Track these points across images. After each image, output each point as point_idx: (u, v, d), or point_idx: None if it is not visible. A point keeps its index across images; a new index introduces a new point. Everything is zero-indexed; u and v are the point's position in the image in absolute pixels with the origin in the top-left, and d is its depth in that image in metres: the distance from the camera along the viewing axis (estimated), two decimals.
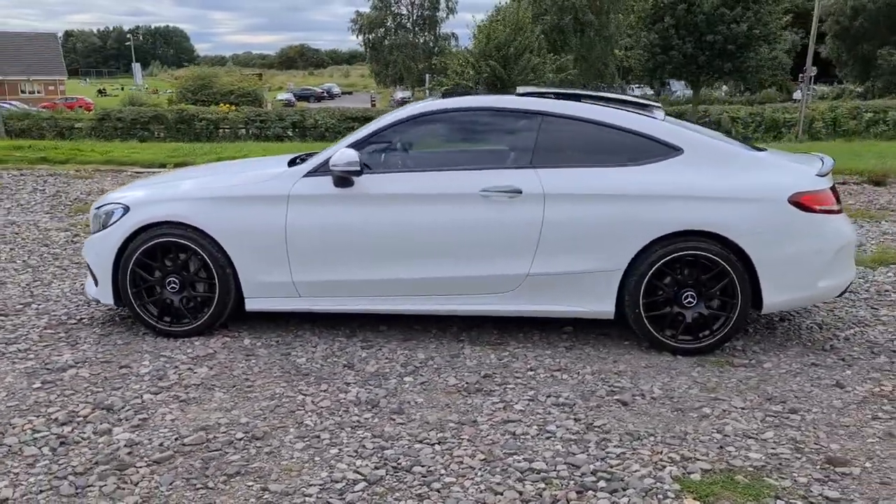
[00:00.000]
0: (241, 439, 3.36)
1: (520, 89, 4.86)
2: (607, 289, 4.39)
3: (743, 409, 3.70)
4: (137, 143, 20.97)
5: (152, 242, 4.53)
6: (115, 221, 4.61)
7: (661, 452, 3.27)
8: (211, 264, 4.51)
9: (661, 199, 4.32)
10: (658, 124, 4.52)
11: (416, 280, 4.47)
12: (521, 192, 4.36)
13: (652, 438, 3.39)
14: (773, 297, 4.36)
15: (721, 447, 3.32)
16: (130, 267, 4.55)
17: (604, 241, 4.34)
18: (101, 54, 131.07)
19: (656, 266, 4.31)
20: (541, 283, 4.42)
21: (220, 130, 27.06)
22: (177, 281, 4.57)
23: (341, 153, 4.39)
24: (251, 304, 4.60)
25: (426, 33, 52.97)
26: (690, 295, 4.36)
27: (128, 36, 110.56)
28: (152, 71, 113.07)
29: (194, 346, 4.48)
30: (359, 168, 4.38)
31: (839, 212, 4.51)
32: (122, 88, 69.02)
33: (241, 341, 4.57)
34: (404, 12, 53.20)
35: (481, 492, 2.95)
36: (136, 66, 77.50)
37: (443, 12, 53.56)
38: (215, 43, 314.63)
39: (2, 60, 59.47)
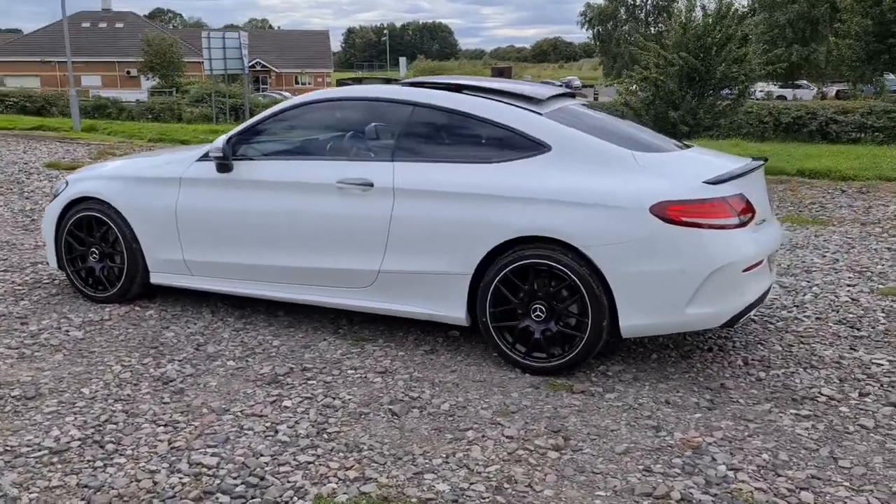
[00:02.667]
0: (15, 395, 3.68)
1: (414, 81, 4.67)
2: (457, 293, 4.10)
3: (507, 437, 3.31)
4: None
5: (79, 215, 5.03)
6: (60, 193, 5.17)
7: (351, 467, 3.05)
8: (121, 238, 4.90)
9: (510, 200, 3.94)
10: (531, 119, 4.11)
11: (281, 268, 4.50)
12: (372, 186, 4.21)
13: (360, 453, 3.17)
14: (631, 320, 3.80)
15: (416, 474, 3.02)
16: (64, 235, 5.09)
17: (452, 243, 4.06)
18: (376, 49, 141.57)
19: (503, 273, 3.95)
20: (393, 282, 4.24)
21: None
22: (97, 252, 5.04)
23: (217, 141, 4.55)
24: (154, 278, 4.93)
25: (660, 24, 50.54)
26: (540, 309, 3.93)
27: (384, 32, 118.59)
28: (417, 65, 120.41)
29: (99, 311, 4.91)
30: (221, 155, 4.50)
31: (737, 226, 3.80)
32: None
33: (143, 312, 4.92)
34: (638, 2, 51.38)
35: (128, 475, 2.98)
36: (402, 60, 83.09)
37: (681, 2, 50.49)
38: (483, 37, 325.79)
39: (281, 55, 66.97)
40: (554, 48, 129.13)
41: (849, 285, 5.58)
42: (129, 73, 62.48)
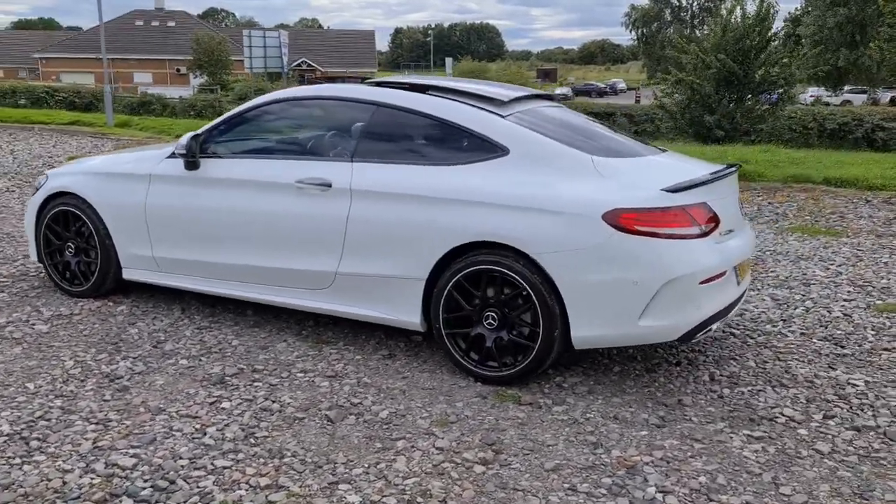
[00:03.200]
0: None
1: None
2: (413, 298, 4.00)
3: (437, 449, 3.20)
4: None
5: (56, 209, 5.06)
6: (41, 187, 5.22)
7: (266, 474, 2.98)
8: (94, 234, 4.92)
9: (464, 204, 3.83)
10: (490, 121, 4.00)
11: (243, 267, 4.46)
12: (330, 186, 4.15)
13: (281, 460, 3.10)
14: (582, 331, 3.66)
15: (331, 483, 2.93)
16: (42, 229, 5.14)
17: (407, 246, 3.97)
18: (423, 49, 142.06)
19: (456, 279, 3.84)
20: (351, 284, 4.17)
21: None
22: (73, 246, 5.07)
23: (183, 138, 4.53)
24: (126, 274, 4.94)
25: (705, 27, 49.51)
26: (492, 316, 3.82)
27: (429, 33, 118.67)
28: (459, 66, 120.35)
29: (71, 305, 4.93)
30: (184, 152, 4.48)
31: (697, 236, 3.63)
32: None
33: (114, 308, 4.94)
34: (683, 4, 50.40)
35: (41, 473, 2.96)
36: (448, 61, 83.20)
37: (728, 2, 49.38)
38: (531, 39, 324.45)
39: (327, 54, 67.60)
40: (601, 50, 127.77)
41: (845, 300, 5.33)
42: (178, 70, 63.73)
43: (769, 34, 20.41)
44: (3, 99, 29.62)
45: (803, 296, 5.43)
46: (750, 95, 19.79)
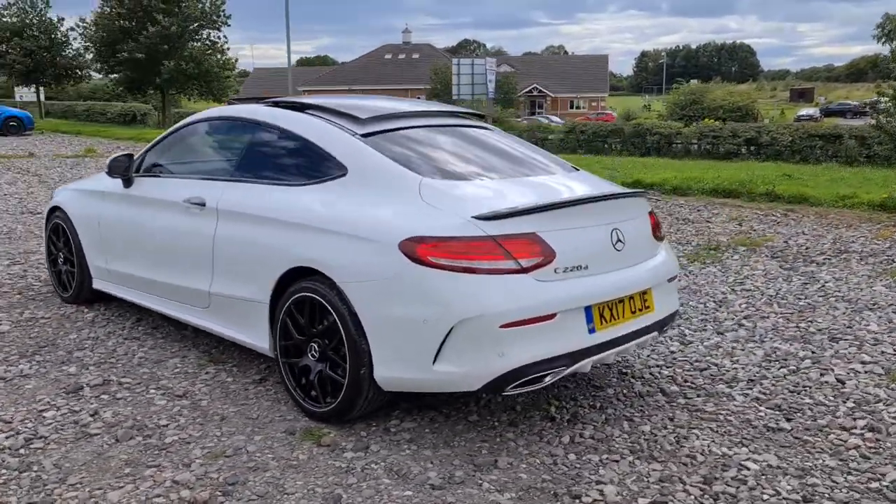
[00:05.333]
0: None
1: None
2: (262, 322, 3.85)
3: (174, 482, 3.03)
4: (584, 155, 21.66)
5: (53, 222, 5.58)
6: (51, 202, 5.79)
7: None
8: (73, 245, 5.35)
9: (293, 227, 3.62)
10: (337, 139, 3.75)
11: (155, 282, 4.58)
12: (204, 205, 4.14)
13: (24, 474, 3.12)
14: (383, 371, 3.28)
15: None
16: (45, 240, 5.69)
17: (253, 268, 3.84)
18: (670, 72, 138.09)
19: (287, 305, 3.64)
20: (223, 305, 4.11)
21: (673, 145, 26.84)
22: (62, 256, 5.55)
23: (111, 158, 4.80)
24: (95, 284, 5.29)
25: None
26: (314, 347, 3.56)
27: (663, 55, 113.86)
28: (683, 88, 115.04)
29: (45, 310, 5.37)
30: (106, 171, 4.72)
31: (511, 271, 3.11)
32: (647, 107, 71.73)
33: (79, 313, 5.31)
34: None
35: None
36: (692, 83, 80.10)
37: None
38: (797, 56, 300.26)
39: (558, 80, 67.96)
40: (873, 66, 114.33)
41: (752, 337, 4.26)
42: (418, 98, 67.77)
43: None
44: None
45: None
46: None
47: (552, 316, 3.16)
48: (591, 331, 3.31)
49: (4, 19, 38.17)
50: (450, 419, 3.61)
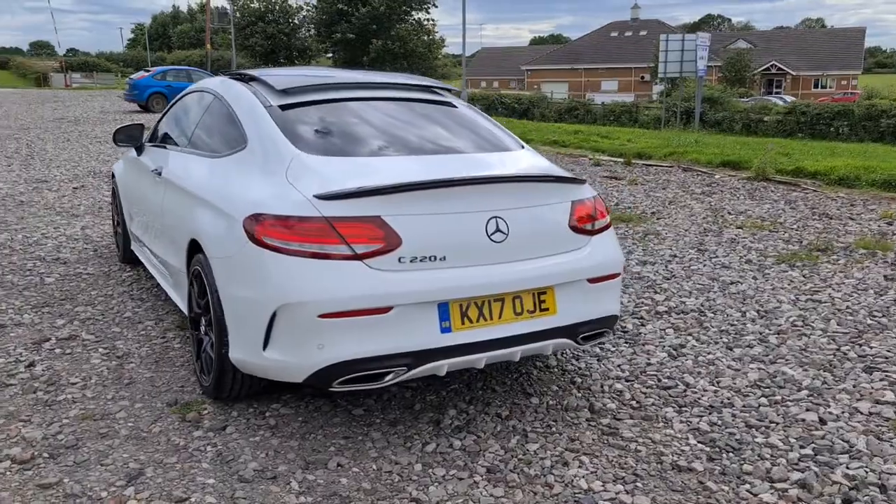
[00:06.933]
0: None
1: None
2: (183, 288, 3.87)
3: None
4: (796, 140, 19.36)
5: (112, 187, 6.05)
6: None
7: None
8: (119, 209, 5.76)
9: (193, 199, 3.61)
10: (251, 110, 3.63)
11: (145, 246, 4.79)
12: (160, 174, 4.24)
13: None
14: (234, 351, 3.15)
15: None
16: (113, 205, 6.19)
17: (174, 237, 3.91)
18: None
19: (189, 277, 3.62)
20: (169, 271, 4.21)
21: None
22: (117, 220, 5.98)
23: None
24: (132, 245, 5.65)
25: None
26: (204, 322, 3.51)
27: None
28: None
29: (97, 266, 5.84)
30: (113, 139, 4.98)
31: (344, 257, 2.84)
32: None
33: (120, 272, 5.70)
34: None
35: None
36: None
37: None
38: None
39: (802, 56, 61.94)
40: None
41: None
42: (642, 78, 65.16)
43: None
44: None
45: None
46: None
47: (387, 309, 2.83)
48: (446, 330, 2.93)
49: (253, 4, 42.02)
50: (333, 410, 3.40)
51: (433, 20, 41.84)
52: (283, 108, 3.59)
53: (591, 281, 3.28)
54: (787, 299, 4.98)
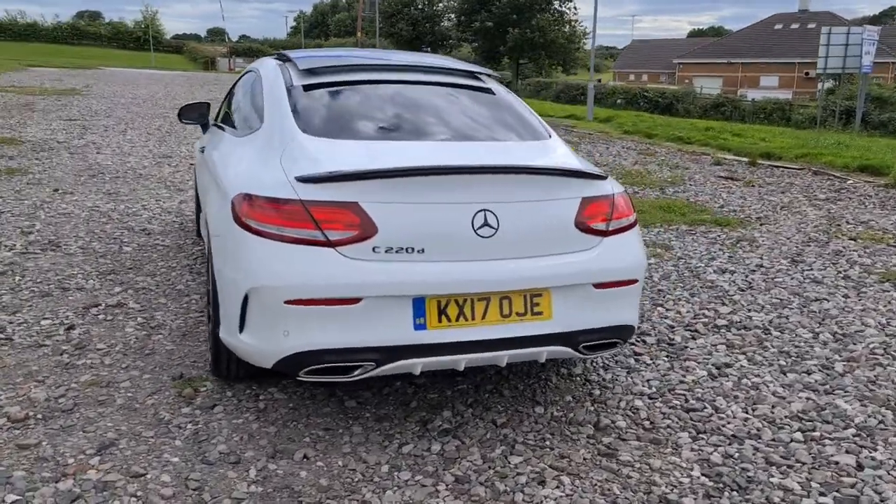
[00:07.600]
0: None
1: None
2: None
3: None
4: None
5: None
6: None
7: None
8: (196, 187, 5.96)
9: (214, 176, 3.63)
10: (273, 90, 3.60)
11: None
12: (203, 152, 4.30)
13: None
14: (221, 330, 3.12)
15: None
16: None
17: (204, 214, 3.92)
18: None
19: (208, 254, 3.66)
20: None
21: None
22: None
23: None
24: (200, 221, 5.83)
25: None
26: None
27: None
28: None
29: (175, 238, 6.07)
30: (178, 117, 5.10)
31: (317, 243, 2.74)
32: None
33: (193, 246, 5.90)
34: None
35: None
36: None
37: None
38: None
39: None
40: None
41: None
42: (806, 74, 60.84)
43: None
44: (605, 99, 33.27)
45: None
46: None
47: (356, 300, 2.70)
48: (420, 327, 2.76)
49: None
50: (327, 400, 3.32)
51: (576, 9, 40.90)
52: (307, 88, 3.53)
53: (599, 286, 2.99)
54: (875, 323, 4.40)
